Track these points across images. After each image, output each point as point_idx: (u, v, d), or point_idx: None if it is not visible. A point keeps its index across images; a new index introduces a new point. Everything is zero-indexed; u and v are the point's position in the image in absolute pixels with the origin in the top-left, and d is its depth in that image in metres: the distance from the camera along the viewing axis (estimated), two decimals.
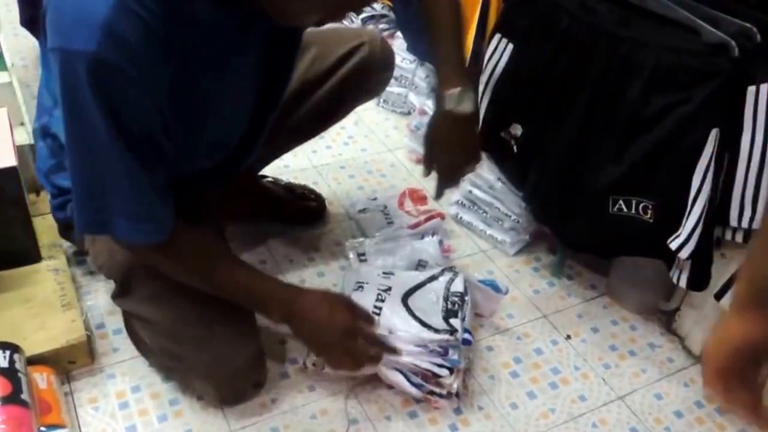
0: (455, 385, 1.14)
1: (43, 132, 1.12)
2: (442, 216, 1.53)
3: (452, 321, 1.17)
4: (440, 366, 1.13)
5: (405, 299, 1.20)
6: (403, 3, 1.77)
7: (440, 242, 1.44)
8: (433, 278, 1.26)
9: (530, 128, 1.33)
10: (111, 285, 1.18)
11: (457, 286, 1.24)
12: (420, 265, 1.38)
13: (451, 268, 1.30)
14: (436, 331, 1.14)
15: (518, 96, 1.32)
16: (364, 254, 1.41)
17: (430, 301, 1.21)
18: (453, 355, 1.13)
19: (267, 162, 1.47)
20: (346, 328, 1.08)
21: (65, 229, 1.21)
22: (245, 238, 1.47)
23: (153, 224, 0.95)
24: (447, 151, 1.19)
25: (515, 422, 1.18)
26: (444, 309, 1.19)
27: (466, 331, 1.16)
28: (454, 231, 1.57)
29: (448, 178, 1.25)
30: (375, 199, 1.61)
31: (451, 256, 1.50)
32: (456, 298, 1.22)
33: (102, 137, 0.85)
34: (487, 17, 1.50)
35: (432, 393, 1.15)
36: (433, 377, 1.13)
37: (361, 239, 1.45)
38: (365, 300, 1.18)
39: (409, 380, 1.15)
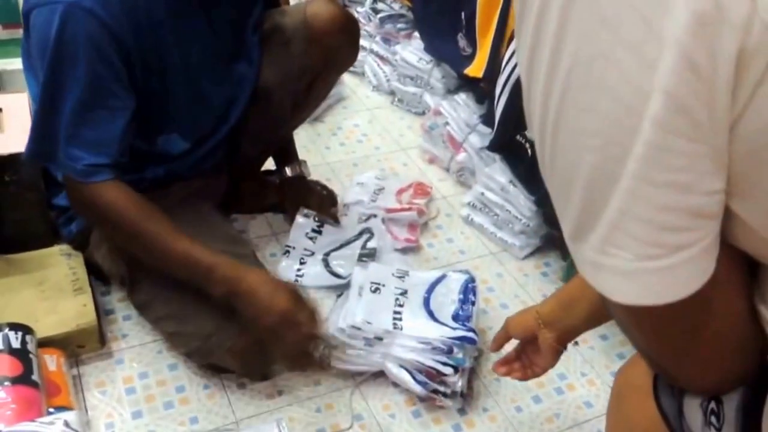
0: (459, 384, 1.15)
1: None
2: (420, 211, 1.54)
3: (460, 320, 1.18)
4: (444, 364, 1.13)
5: (427, 303, 1.21)
6: (422, 1, 1.78)
7: (383, 220, 1.48)
8: (444, 277, 1.27)
9: None
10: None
11: (471, 288, 1.26)
12: (364, 233, 1.43)
13: (466, 271, 1.31)
14: (452, 329, 1.16)
15: None
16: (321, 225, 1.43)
17: (445, 302, 1.22)
18: (458, 353, 1.14)
19: (268, 154, 1.50)
20: (284, 310, 1.03)
21: (77, 246, 1.26)
22: (255, 230, 1.48)
23: (95, 167, 1.03)
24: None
25: (520, 425, 1.18)
26: (457, 309, 1.20)
27: (471, 330, 1.17)
28: (464, 232, 1.57)
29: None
30: (381, 179, 1.62)
31: (461, 257, 1.50)
32: (469, 299, 1.23)
33: (74, 73, 0.98)
34: (506, 20, 1.50)
35: (436, 392, 1.15)
36: (438, 375, 1.14)
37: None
38: (384, 304, 1.19)
39: (414, 378, 1.15)
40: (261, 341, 1.08)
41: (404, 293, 1.22)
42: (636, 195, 0.41)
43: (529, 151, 1.37)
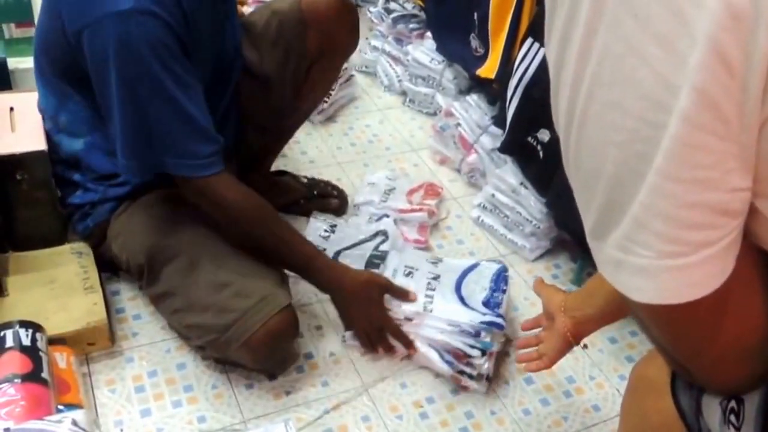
0: (486, 367, 1.17)
1: (61, 160, 1.21)
2: (431, 212, 1.53)
3: (490, 306, 1.21)
4: (472, 347, 1.16)
5: (458, 288, 1.24)
6: (435, 1, 1.78)
7: (395, 221, 1.48)
8: (477, 265, 1.30)
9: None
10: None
11: (503, 277, 1.28)
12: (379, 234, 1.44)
13: (499, 261, 1.34)
14: (482, 314, 1.19)
15: (548, 101, 1.31)
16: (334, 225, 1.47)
17: (476, 289, 1.25)
18: (485, 337, 1.16)
19: (276, 148, 1.52)
20: (379, 319, 1.19)
21: (94, 241, 1.26)
22: None
23: (209, 158, 1.07)
24: None
25: (527, 428, 1.18)
26: (488, 296, 1.23)
27: (500, 316, 1.19)
28: (474, 234, 1.57)
29: None
30: (392, 179, 1.61)
31: (471, 259, 1.49)
32: (501, 288, 1.26)
33: (153, 79, 0.99)
34: (519, 21, 1.49)
35: (462, 372, 1.17)
36: (465, 357, 1.16)
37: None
38: (416, 287, 1.23)
39: (441, 357, 1.18)
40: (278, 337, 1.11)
41: (436, 278, 1.26)
42: (661, 191, 0.41)
43: (541, 153, 1.36)
